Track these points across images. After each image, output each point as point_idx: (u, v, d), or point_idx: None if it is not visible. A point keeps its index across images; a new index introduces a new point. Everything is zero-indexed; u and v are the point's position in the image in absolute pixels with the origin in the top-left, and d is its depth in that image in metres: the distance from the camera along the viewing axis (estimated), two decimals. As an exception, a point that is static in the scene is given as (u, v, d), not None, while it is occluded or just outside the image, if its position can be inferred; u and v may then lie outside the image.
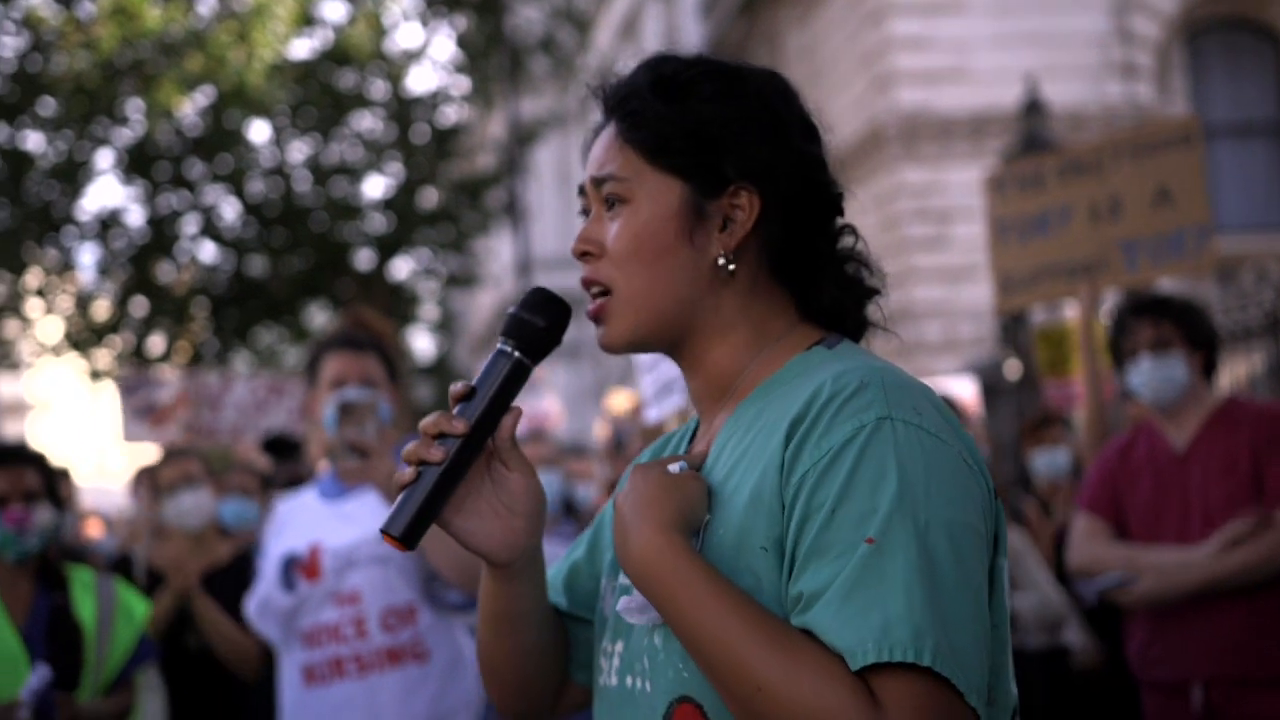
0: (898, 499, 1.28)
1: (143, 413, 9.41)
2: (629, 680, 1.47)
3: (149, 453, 9.32)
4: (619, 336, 1.49)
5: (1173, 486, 3.75)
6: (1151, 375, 3.79)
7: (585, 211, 1.53)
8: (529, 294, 1.51)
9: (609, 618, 1.54)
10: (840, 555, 1.28)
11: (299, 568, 3.42)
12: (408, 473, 1.43)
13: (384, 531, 1.42)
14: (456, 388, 1.47)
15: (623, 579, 1.51)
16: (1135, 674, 3.84)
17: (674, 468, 1.42)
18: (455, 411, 1.46)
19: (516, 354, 1.48)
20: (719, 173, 1.45)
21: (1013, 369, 11.53)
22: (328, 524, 3.43)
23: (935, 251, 17.33)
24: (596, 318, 1.50)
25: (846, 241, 1.53)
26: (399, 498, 1.43)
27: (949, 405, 6.45)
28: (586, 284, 1.50)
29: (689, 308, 1.47)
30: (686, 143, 1.45)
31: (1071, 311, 7.89)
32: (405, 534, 1.41)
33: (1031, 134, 11.77)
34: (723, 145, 1.46)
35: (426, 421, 1.44)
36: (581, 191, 1.53)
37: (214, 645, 4.45)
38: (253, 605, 3.52)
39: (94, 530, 9.74)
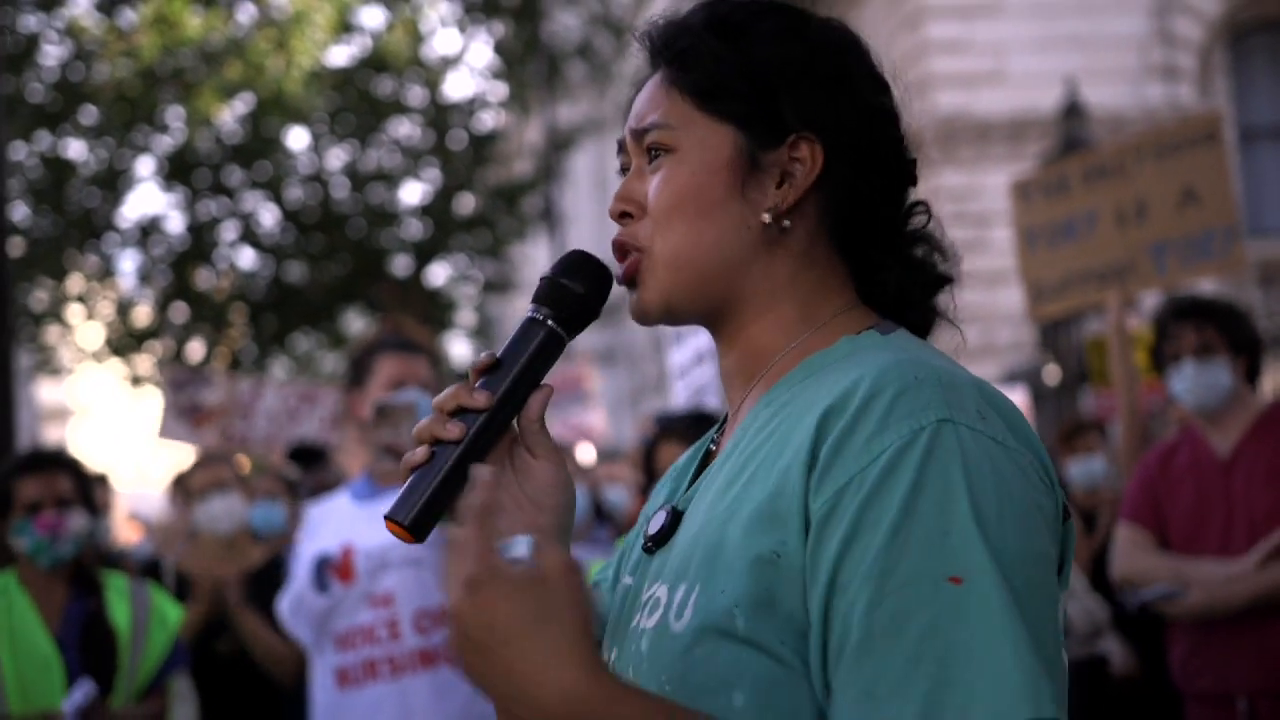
0: (975, 523, 1.07)
1: (186, 412, 9.44)
2: None
3: (183, 453, 9.37)
4: (654, 300, 1.29)
5: (1216, 494, 3.69)
6: (1195, 380, 3.73)
7: (624, 170, 1.34)
8: (566, 256, 1.32)
9: (611, 620, 1.37)
10: (914, 592, 1.06)
11: (332, 569, 3.42)
12: (419, 452, 1.23)
13: (389, 518, 1.22)
14: (480, 358, 1.27)
15: (628, 579, 1.34)
16: (1178, 685, 3.78)
17: (520, 550, 1.11)
18: (477, 385, 1.26)
19: (550, 323, 1.28)
20: (778, 120, 1.27)
21: (1052, 374, 11.44)
22: (360, 525, 3.42)
23: (973, 255, 17.20)
24: (630, 280, 1.30)
25: (918, 220, 1.33)
26: (409, 481, 1.24)
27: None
28: (618, 248, 1.31)
29: (734, 271, 1.28)
30: (743, 85, 1.27)
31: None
32: (414, 523, 1.22)
33: (1071, 137, 11.68)
34: (782, 90, 1.27)
35: (443, 395, 1.26)
36: (621, 150, 1.35)
37: (253, 653, 4.46)
38: (285, 606, 3.52)
39: (132, 535, 9.79)
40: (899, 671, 1.05)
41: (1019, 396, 8.69)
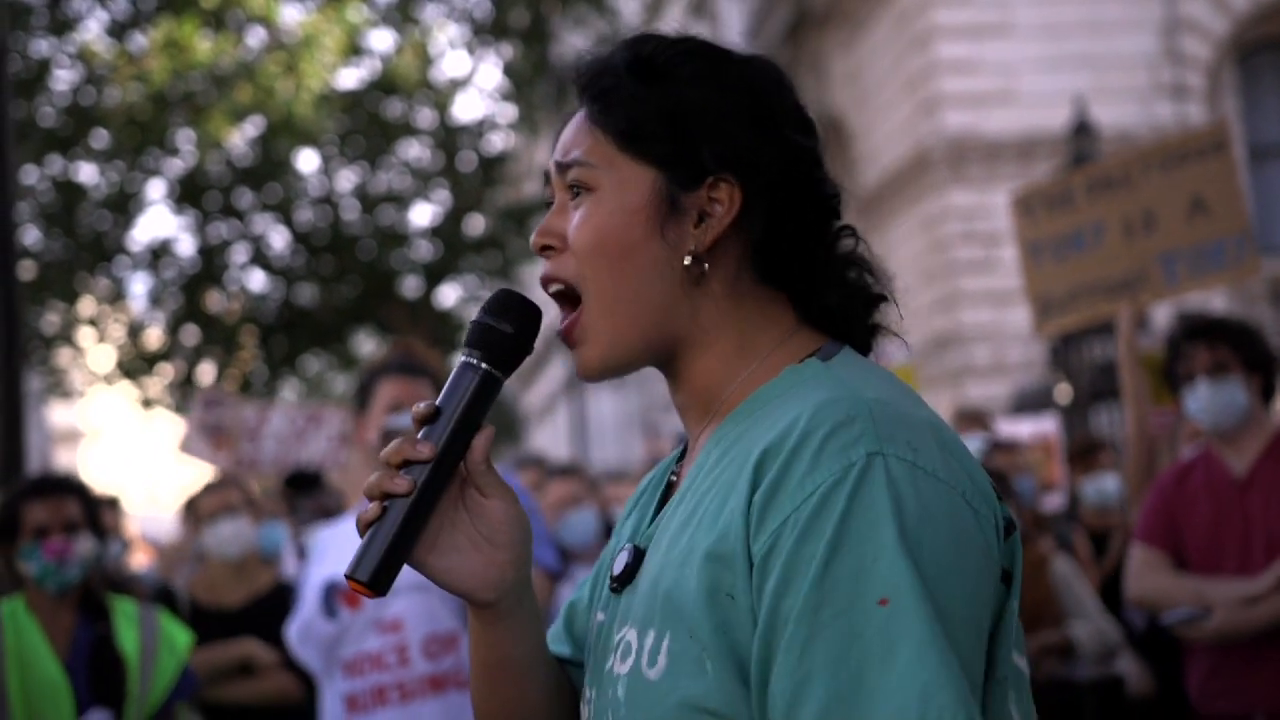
0: (900, 546, 1.11)
1: (210, 431, 9.44)
2: None
3: (195, 474, 9.36)
4: (595, 358, 1.32)
5: (1233, 514, 3.66)
6: (1210, 400, 3.71)
7: (548, 204, 1.36)
8: (493, 296, 1.34)
9: (589, 655, 1.37)
10: (846, 623, 1.10)
11: (340, 595, 3.41)
12: (371, 509, 1.25)
13: (349, 577, 1.24)
14: (419, 409, 1.28)
15: (600, 615, 1.36)
16: (1196, 706, 3.75)
17: None
18: (420, 435, 1.28)
19: (484, 366, 1.30)
20: (696, 162, 1.28)
21: (1063, 394, 11.40)
22: None
23: (983, 275, 17.21)
24: (570, 340, 1.32)
25: (846, 244, 1.34)
26: (364, 538, 1.26)
27: (975, 417, 6.25)
28: (546, 281, 1.33)
29: (664, 313, 1.29)
30: (661, 127, 1.29)
31: (1145, 341, 7.77)
32: (373, 579, 1.24)
33: (1080, 156, 11.67)
34: (701, 132, 1.28)
35: (388, 450, 1.27)
36: (547, 180, 1.37)
37: (260, 703, 4.48)
38: (294, 632, 3.50)
39: (141, 558, 9.78)
40: (820, 686, 1.10)
41: (1045, 423, 8.54)
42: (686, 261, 1.28)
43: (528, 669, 1.38)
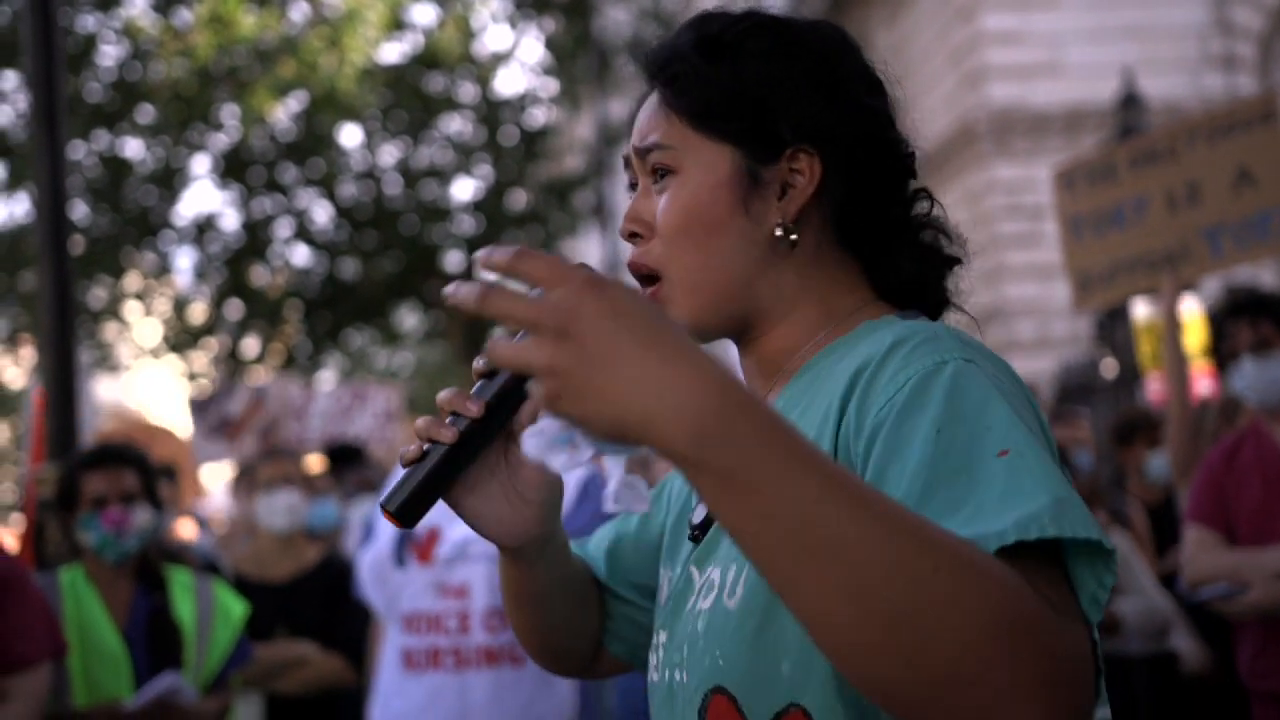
0: (1010, 414, 1.09)
1: (217, 429, 9.52)
2: (669, 673, 1.33)
3: (226, 470, 9.43)
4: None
5: (1284, 489, 3.63)
6: (1256, 377, 3.68)
7: (633, 186, 1.39)
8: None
9: (660, 610, 1.41)
10: (967, 471, 1.05)
11: (413, 546, 3.45)
12: (413, 449, 1.32)
13: (382, 507, 1.32)
14: (479, 364, 1.33)
15: (677, 569, 1.39)
16: (1246, 683, 3.73)
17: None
18: (475, 390, 1.33)
19: None
20: (774, 135, 1.31)
21: (1109, 367, 11.32)
22: (448, 512, 3.43)
23: (1028, 248, 17.08)
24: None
25: (922, 207, 1.38)
26: (403, 473, 1.33)
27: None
28: (634, 270, 1.35)
29: (749, 286, 1.32)
30: (735, 105, 1.31)
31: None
32: (400, 510, 1.31)
33: (1128, 128, 11.55)
34: (776, 105, 1.31)
35: (442, 397, 1.32)
36: (627, 164, 1.39)
37: (314, 690, 4.52)
38: (366, 567, 3.53)
39: (186, 532, 9.89)
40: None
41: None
42: (778, 233, 1.30)
43: (552, 600, 1.47)
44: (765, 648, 1.20)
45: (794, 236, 1.31)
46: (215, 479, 11.98)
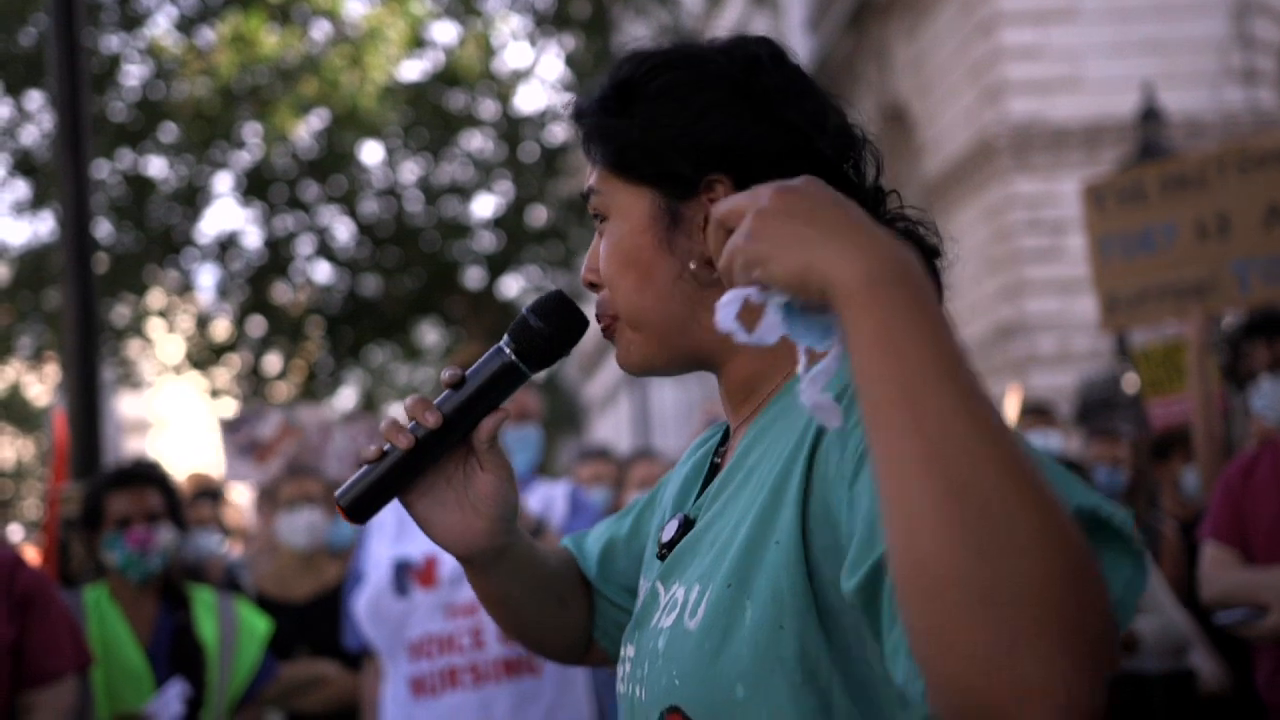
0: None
1: (246, 450, 9.55)
2: (632, 688, 1.35)
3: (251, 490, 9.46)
4: (630, 361, 1.39)
5: (1302, 507, 3.62)
6: (1274, 396, 3.69)
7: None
8: (545, 296, 1.42)
9: (630, 623, 1.43)
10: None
11: (414, 574, 3.44)
12: (373, 449, 1.38)
13: (336, 500, 1.39)
14: (446, 375, 1.39)
15: (645, 583, 1.41)
16: (1265, 701, 3.72)
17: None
18: (439, 399, 1.38)
19: (512, 356, 1.38)
20: (682, 173, 1.32)
21: (1130, 383, 11.28)
22: None
23: (1049, 263, 17.04)
24: (611, 339, 1.40)
25: (890, 203, 1.36)
26: (359, 471, 1.39)
27: (1041, 412, 6.07)
28: (598, 318, 1.40)
29: (689, 323, 1.34)
30: (643, 151, 1.33)
31: (1171, 329, 7.65)
32: (351, 505, 1.38)
33: (1148, 142, 11.53)
34: (683, 143, 1.31)
35: (408, 402, 1.38)
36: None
37: (332, 708, 4.53)
38: (364, 607, 3.52)
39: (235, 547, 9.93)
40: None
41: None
42: (692, 267, 1.31)
43: (522, 601, 1.53)
44: (721, 671, 1.20)
45: (711, 270, 1.29)
46: (237, 497, 12.02)
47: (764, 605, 1.19)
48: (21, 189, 14.98)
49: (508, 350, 1.39)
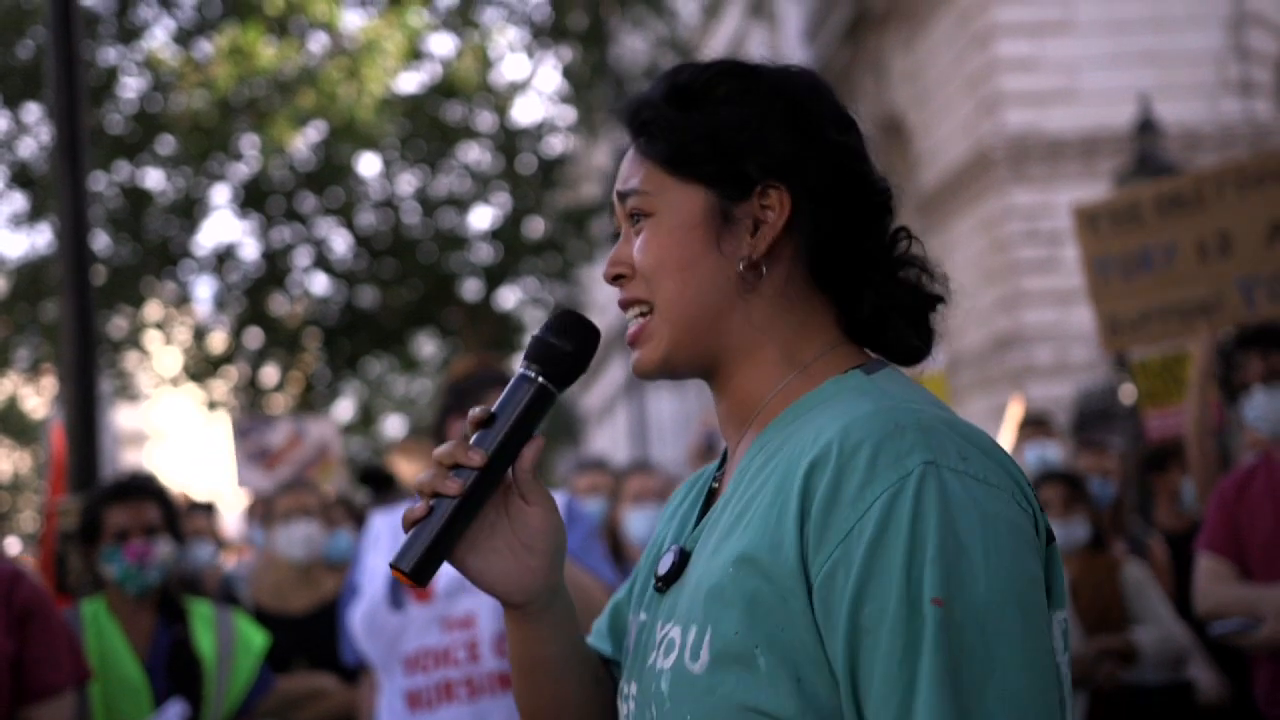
0: (981, 555, 1.18)
1: (256, 457, 9.56)
2: None
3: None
4: (651, 358, 1.38)
5: (1296, 520, 3.63)
6: (1267, 408, 3.70)
7: (616, 235, 1.45)
8: (555, 316, 1.42)
9: (629, 654, 1.43)
10: (944, 629, 1.16)
11: (408, 587, 3.43)
12: (419, 507, 1.33)
13: (393, 566, 1.33)
14: (475, 413, 1.36)
15: (643, 615, 1.41)
16: (1264, 713, 3.72)
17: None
18: (473, 440, 1.35)
19: (540, 379, 1.37)
20: (742, 174, 1.36)
21: (1128, 394, 11.28)
22: None
23: (1046, 274, 17.06)
24: (634, 343, 1.40)
25: (901, 246, 1.40)
26: (411, 532, 1.34)
27: (1039, 423, 6.04)
28: (625, 305, 1.41)
29: (718, 319, 1.36)
30: (705, 148, 1.36)
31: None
32: (415, 570, 1.32)
33: (1145, 154, 11.55)
34: (744, 146, 1.36)
35: (441, 451, 1.34)
36: (612, 211, 1.46)
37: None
38: (359, 621, 3.52)
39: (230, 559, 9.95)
40: (929, 693, 1.14)
41: None
42: (740, 267, 1.35)
43: (563, 667, 1.45)
44: (732, 712, 1.23)
45: (763, 269, 1.35)
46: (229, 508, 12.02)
47: (776, 658, 1.22)
48: (19, 201, 15.00)
49: (534, 374, 1.37)
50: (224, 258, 15.77)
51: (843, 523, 1.20)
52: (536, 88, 26.48)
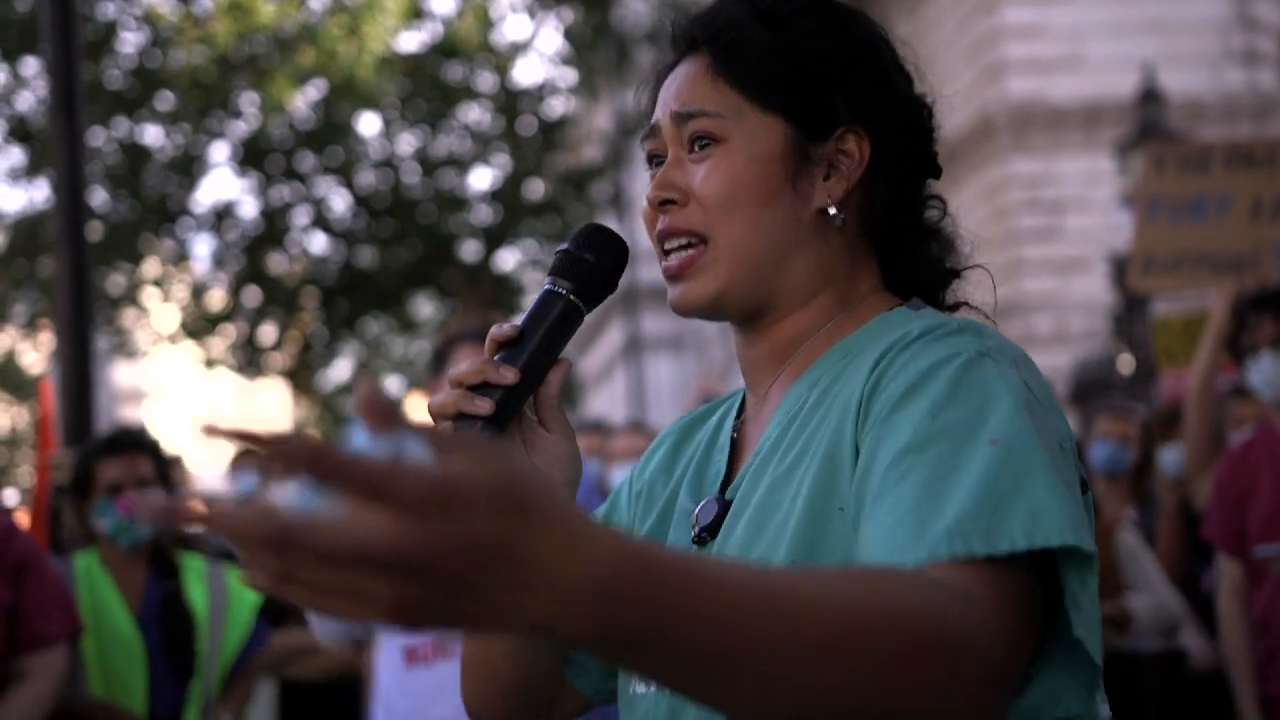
0: (1014, 407, 1.09)
1: None
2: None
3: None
4: (702, 293, 1.28)
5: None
6: (1272, 372, 3.67)
7: (653, 157, 1.33)
8: (584, 229, 1.32)
9: None
10: (954, 454, 1.06)
11: None
12: (444, 429, 1.13)
13: None
14: (500, 329, 1.26)
15: None
16: (1261, 687, 3.73)
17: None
18: (498, 358, 1.25)
19: (570, 296, 1.27)
20: (828, 112, 1.27)
21: (1126, 363, 11.30)
22: None
23: (1046, 243, 17.04)
24: (679, 274, 1.29)
25: (932, 214, 1.36)
26: None
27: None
28: (670, 235, 1.29)
29: (785, 262, 1.28)
30: (794, 78, 1.27)
31: (1193, 301, 7.65)
32: None
33: (1148, 123, 11.52)
34: (831, 83, 1.27)
35: (465, 370, 1.24)
36: (651, 135, 1.33)
37: (329, 676, 4.53)
38: None
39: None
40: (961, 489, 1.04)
41: None
42: (831, 212, 1.28)
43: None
44: None
45: (842, 216, 1.28)
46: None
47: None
48: (16, 156, 14.95)
49: (562, 291, 1.28)
50: (223, 215, 15.73)
51: (889, 387, 1.14)
52: (538, 49, 26.31)
